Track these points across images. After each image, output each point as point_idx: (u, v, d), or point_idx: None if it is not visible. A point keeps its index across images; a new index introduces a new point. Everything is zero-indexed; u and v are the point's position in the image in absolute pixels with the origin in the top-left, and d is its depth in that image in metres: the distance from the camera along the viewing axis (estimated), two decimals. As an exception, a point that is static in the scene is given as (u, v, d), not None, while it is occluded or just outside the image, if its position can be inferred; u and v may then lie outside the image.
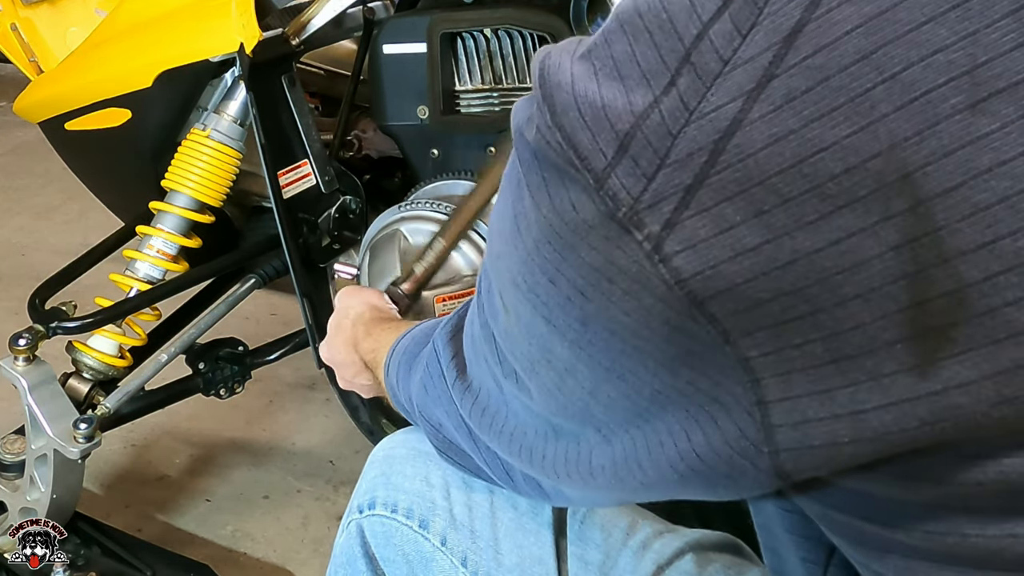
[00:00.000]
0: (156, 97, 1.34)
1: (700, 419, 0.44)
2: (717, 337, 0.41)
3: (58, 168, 1.71)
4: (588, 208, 0.42)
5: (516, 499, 0.76)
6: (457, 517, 0.75)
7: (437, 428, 0.70)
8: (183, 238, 1.38)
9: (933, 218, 0.38)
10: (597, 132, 0.41)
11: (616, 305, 0.43)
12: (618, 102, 0.41)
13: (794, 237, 0.39)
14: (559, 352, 0.47)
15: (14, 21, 1.57)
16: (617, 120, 0.41)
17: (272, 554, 1.60)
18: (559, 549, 0.74)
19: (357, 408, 1.48)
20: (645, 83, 0.41)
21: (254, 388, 1.76)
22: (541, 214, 0.44)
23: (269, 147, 1.29)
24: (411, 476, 0.78)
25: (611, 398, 0.46)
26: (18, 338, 1.30)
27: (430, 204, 1.27)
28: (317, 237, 1.38)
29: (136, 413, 1.48)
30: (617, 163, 0.41)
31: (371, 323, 0.92)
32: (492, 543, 0.74)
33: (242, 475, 1.80)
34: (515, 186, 0.46)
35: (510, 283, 0.48)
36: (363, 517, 0.80)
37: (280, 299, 2.14)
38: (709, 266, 0.40)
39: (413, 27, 1.30)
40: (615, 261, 0.42)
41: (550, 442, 0.53)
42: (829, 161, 0.38)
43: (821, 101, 0.38)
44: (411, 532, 0.77)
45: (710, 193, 0.40)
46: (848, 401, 0.40)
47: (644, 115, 0.40)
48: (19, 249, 2.69)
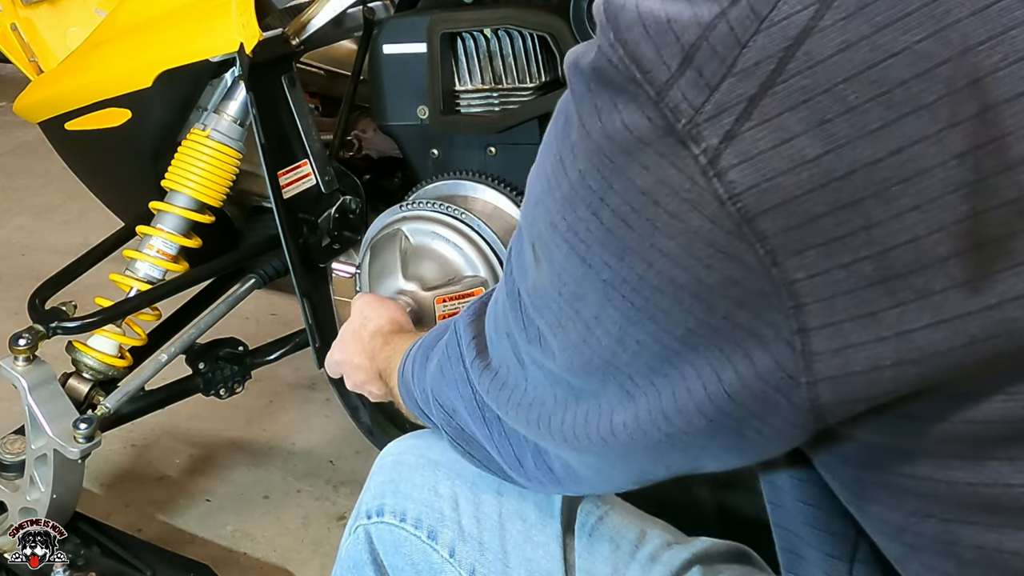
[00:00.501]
0: (156, 97, 1.34)
1: (733, 357, 0.43)
2: (764, 258, 0.40)
3: (58, 168, 1.71)
4: (644, 125, 0.42)
5: (525, 510, 0.75)
6: (466, 528, 0.75)
7: (451, 415, 0.69)
8: (183, 238, 1.38)
9: (1000, 124, 0.38)
10: (661, 45, 0.41)
11: (660, 231, 0.42)
12: (684, 14, 0.41)
13: (855, 146, 0.39)
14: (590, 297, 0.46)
15: (14, 21, 1.57)
16: (683, 32, 0.41)
17: (272, 554, 1.60)
18: (567, 562, 0.74)
19: (357, 408, 1.48)
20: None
21: (254, 388, 1.76)
22: (591, 141, 0.44)
23: (269, 147, 1.29)
24: (420, 485, 0.78)
25: (639, 343, 0.46)
26: (18, 338, 1.30)
27: (431, 204, 1.27)
28: (317, 237, 1.38)
29: (136, 413, 1.48)
30: (681, 74, 0.41)
31: (389, 335, 0.92)
32: (501, 555, 0.74)
33: (242, 475, 1.80)
34: (561, 125, 0.46)
35: (547, 225, 0.48)
36: (371, 523, 0.79)
37: (280, 299, 2.14)
38: (766, 179, 0.40)
39: (413, 27, 1.30)
40: (667, 180, 0.42)
41: (570, 407, 0.53)
42: (899, 67, 0.38)
43: (895, 7, 0.38)
44: (420, 543, 0.76)
45: (774, 103, 0.39)
46: (895, 322, 0.40)
47: (711, 25, 0.40)
48: (19, 249, 2.69)
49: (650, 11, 0.42)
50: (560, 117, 0.47)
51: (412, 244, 1.27)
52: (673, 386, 0.46)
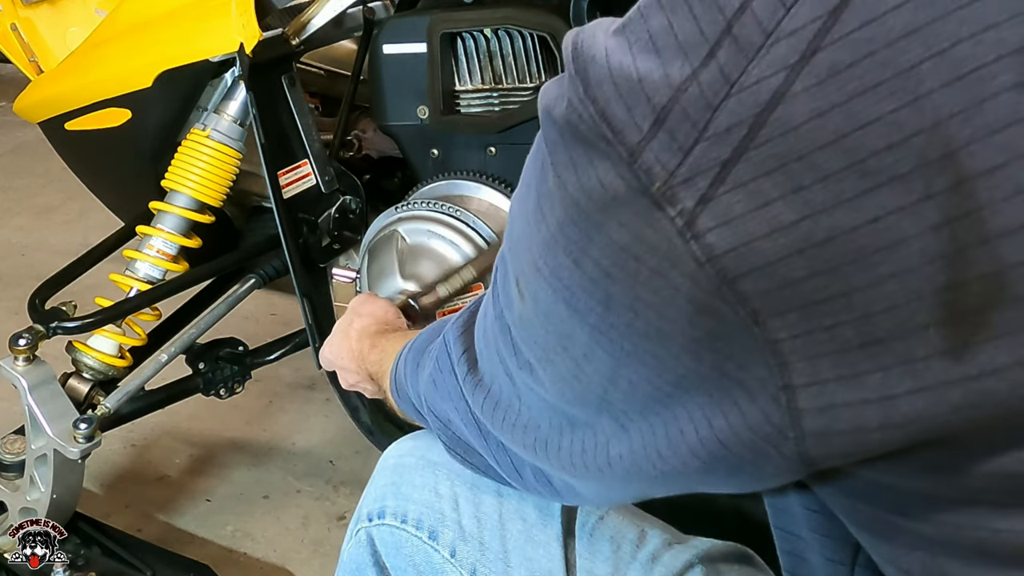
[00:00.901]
0: (156, 97, 1.34)
1: (723, 405, 0.43)
2: (746, 318, 0.40)
3: (58, 168, 1.71)
4: (618, 184, 0.41)
5: (525, 510, 0.75)
6: (466, 528, 0.75)
7: (446, 424, 0.69)
8: (183, 238, 1.38)
9: (975, 197, 0.37)
10: (632, 105, 0.41)
11: (642, 285, 0.42)
12: (655, 75, 0.40)
13: (832, 214, 0.38)
14: (578, 337, 0.46)
15: (14, 21, 1.57)
16: (654, 93, 0.40)
17: (272, 554, 1.60)
18: (568, 561, 0.73)
19: (357, 408, 1.48)
20: (683, 56, 0.40)
21: (254, 388, 1.76)
22: (567, 193, 0.43)
23: (269, 147, 1.29)
24: (420, 486, 0.78)
25: (631, 383, 0.46)
26: (18, 338, 1.30)
27: (427, 204, 1.27)
28: (317, 237, 1.38)
29: (136, 413, 1.48)
30: (653, 136, 0.40)
31: (376, 335, 0.91)
32: (502, 555, 0.74)
33: (242, 475, 1.80)
34: (539, 168, 0.46)
35: (530, 267, 0.47)
36: (372, 526, 0.79)
37: (280, 299, 2.13)
38: (743, 243, 0.39)
39: (413, 27, 1.30)
40: (644, 239, 0.41)
41: (565, 434, 0.53)
42: (872, 136, 0.38)
43: (866, 75, 0.38)
44: (421, 543, 0.76)
45: (748, 168, 0.39)
46: (878, 386, 0.40)
47: (682, 88, 0.40)
48: (19, 249, 2.69)
49: (620, 67, 0.41)
50: (537, 158, 0.46)
51: (409, 244, 1.27)
52: (666, 426, 0.46)
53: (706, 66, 0.40)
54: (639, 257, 0.42)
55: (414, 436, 0.84)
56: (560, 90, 0.44)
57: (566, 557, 0.73)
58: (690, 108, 0.40)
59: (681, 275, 0.41)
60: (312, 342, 1.38)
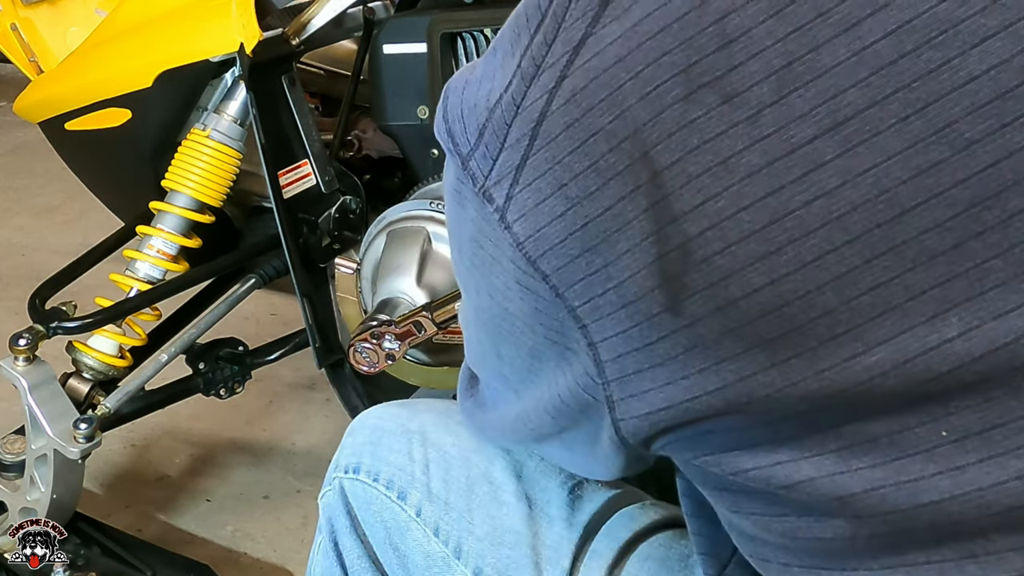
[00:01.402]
0: (156, 97, 1.34)
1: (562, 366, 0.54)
2: (550, 291, 0.51)
3: (58, 168, 1.71)
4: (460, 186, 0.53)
5: (493, 473, 0.80)
6: (434, 490, 0.81)
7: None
8: (183, 238, 1.38)
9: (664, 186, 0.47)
10: (467, 124, 0.53)
11: (489, 269, 0.54)
12: (481, 101, 0.52)
13: (584, 204, 0.49)
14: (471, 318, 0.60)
15: (14, 21, 1.57)
16: (479, 114, 0.52)
17: (272, 554, 1.60)
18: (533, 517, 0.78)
19: (357, 408, 1.48)
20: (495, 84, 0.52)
21: (254, 388, 1.76)
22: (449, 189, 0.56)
23: (269, 147, 1.29)
24: (396, 451, 0.83)
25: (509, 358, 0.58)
26: (18, 338, 1.30)
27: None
28: (317, 237, 1.38)
29: (136, 413, 1.48)
30: (476, 148, 0.52)
31: None
32: (466, 514, 0.79)
33: (242, 475, 1.80)
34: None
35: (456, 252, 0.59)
36: (347, 477, 0.85)
37: (280, 299, 2.14)
38: (536, 230, 0.50)
39: (413, 27, 1.30)
40: (483, 230, 0.53)
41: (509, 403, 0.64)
42: (599, 143, 0.48)
43: (593, 96, 0.48)
44: (389, 502, 0.82)
45: (530, 171, 0.50)
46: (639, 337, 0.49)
47: (493, 109, 0.51)
48: (19, 249, 2.69)
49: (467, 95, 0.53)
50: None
51: (434, 248, 1.26)
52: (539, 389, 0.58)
53: (507, 91, 0.51)
54: (483, 244, 0.53)
55: (399, 404, 0.91)
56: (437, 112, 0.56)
57: (531, 513, 0.78)
58: (496, 125, 0.51)
59: (508, 259, 0.52)
60: (312, 342, 1.38)
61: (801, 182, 0.46)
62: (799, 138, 0.46)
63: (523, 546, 0.76)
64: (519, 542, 0.77)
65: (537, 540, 0.77)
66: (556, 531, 0.77)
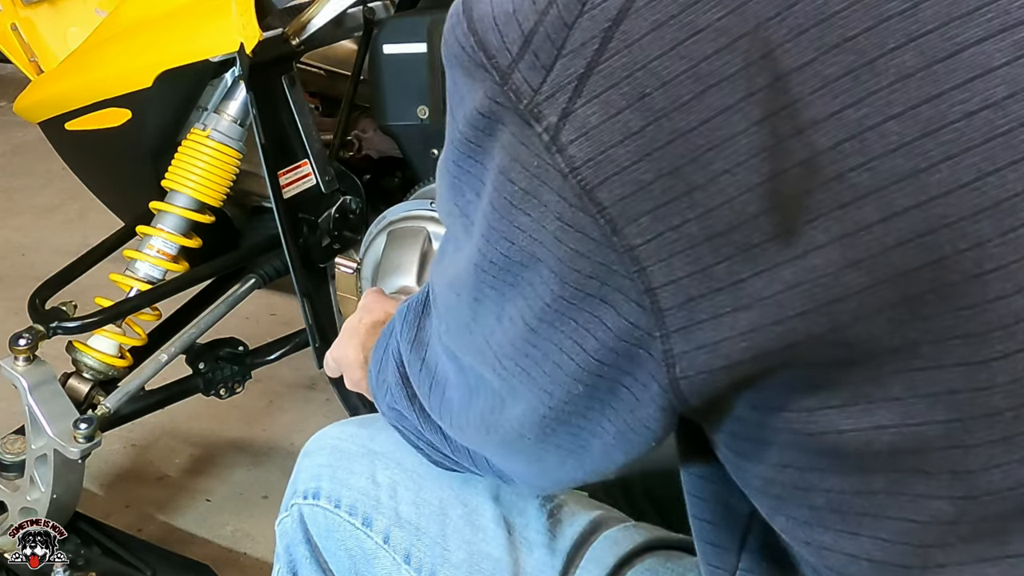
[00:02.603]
0: (156, 97, 1.34)
1: (590, 326, 0.47)
2: (605, 227, 0.44)
3: (58, 168, 1.71)
4: (494, 108, 0.45)
5: (467, 496, 0.75)
6: (403, 515, 0.76)
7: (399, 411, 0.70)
8: (183, 238, 1.38)
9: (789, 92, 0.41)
10: (505, 32, 0.45)
11: (518, 207, 0.46)
12: (525, 5, 0.44)
13: (671, 118, 0.42)
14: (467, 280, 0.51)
15: (14, 21, 1.57)
16: (524, 19, 0.44)
17: (272, 554, 1.60)
18: (513, 543, 0.73)
19: (357, 408, 1.48)
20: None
21: (254, 388, 1.76)
22: (459, 129, 0.48)
23: (269, 147, 1.29)
24: (358, 473, 0.78)
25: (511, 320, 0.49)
26: (18, 338, 1.30)
27: None
28: (317, 237, 1.38)
29: (136, 413, 1.48)
30: (520, 58, 0.44)
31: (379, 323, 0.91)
32: (440, 539, 0.74)
33: (242, 475, 1.80)
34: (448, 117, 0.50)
35: (447, 215, 0.52)
36: (306, 504, 0.80)
37: (280, 299, 2.14)
38: (599, 151, 0.43)
39: (413, 27, 1.30)
40: (518, 158, 0.45)
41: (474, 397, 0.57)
42: (703, 43, 0.41)
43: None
44: (353, 529, 0.77)
45: (600, 80, 0.43)
46: (725, 275, 0.43)
47: (545, 11, 0.43)
48: (19, 249, 2.69)
49: (500, 5, 0.45)
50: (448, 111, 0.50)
51: (434, 249, 1.26)
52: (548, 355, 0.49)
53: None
54: (514, 180, 0.45)
55: (358, 421, 0.85)
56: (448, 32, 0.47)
57: (510, 538, 0.73)
58: (550, 29, 0.43)
59: (549, 191, 0.44)
60: (312, 342, 1.38)
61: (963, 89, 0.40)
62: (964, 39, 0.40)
63: (503, 574, 0.72)
64: (499, 569, 0.72)
65: (518, 568, 0.72)
66: (537, 557, 0.72)
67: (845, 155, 0.41)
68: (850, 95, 0.41)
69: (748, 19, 0.41)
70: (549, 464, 0.58)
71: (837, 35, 0.41)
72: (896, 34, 0.40)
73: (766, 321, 0.43)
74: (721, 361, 0.45)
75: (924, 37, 0.40)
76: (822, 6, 0.41)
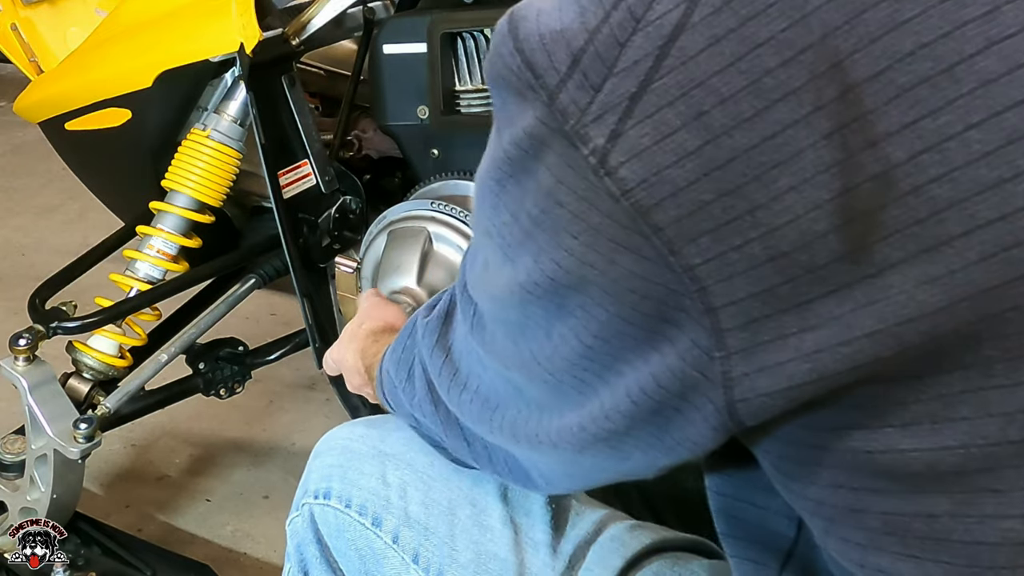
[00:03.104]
0: (156, 97, 1.34)
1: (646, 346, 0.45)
2: (662, 248, 0.42)
3: (58, 168, 1.71)
4: (540, 129, 0.44)
5: (476, 496, 0.76)
6: (412, 515, 0.76)
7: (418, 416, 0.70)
8: (183, 238, 1.38)
9: (861, 103, 0.39)
10: (553, 52, 0.43)
11: (565, 230, 0.44)
12: (575, 24, 0.43)
13: (732, 135, 0.40)
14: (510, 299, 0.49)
15: (14, 21, 1.57)
16: (573, 38, 0.43)
17: (272, 554, 1.60)
18: (519, 544, 0.73)
19: (357, 408, 1.48)
20: (598, 3, 0.43)
21: (254, 388, 1.76)
22: (503, 148, 0.46)
23: (269, 147, 1.29)
24: (369, 474, 0.79)
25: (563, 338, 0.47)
26: (18, 338, 1.30)
27: (463, 214, 1.24)
28: (317, 237, 1.38)
29: (136, 413, 1.48)
30: (569, 78, 0.43)
31: (380, 333, 0.92)
32: (448, 540, 0.74)
33: (242, 475, 1.80)
34: (493, 135, 0.48)
35: (483, 233, 0.50)
36: (316, 503, 0.81)
37: (280, 299, 2.14)
38: (653, 173, 0.41)
39: (413, 27, 1.30)
40: (565, 180, 0.44)
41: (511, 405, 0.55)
42: (765, 56, 0.40)
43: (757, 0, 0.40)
44: (363, 529, 0.77)
45: (653, 99, 0.41)
46: (790, 295, 0.42)
47: (596, 30, 0.42)
48: (19, 249, 2.69)
49: (548, 22, 0.44)
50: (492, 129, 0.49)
51: (434, 249, 1.26)
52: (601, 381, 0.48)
53: (617, 8, 0.42)
54: (561, 201, 0.44)
55: (367, 422, 0.85)
56: (494, 51, 0.46)
57: (516, 539, 0.73)
58: (601, 48, 0.42)
59: (599, 214, 0.43)
60: (312, 342, 1.38)
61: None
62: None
63: (509, 574, 0.72)
64: (505, 570, 0.72)
65: (523, 568, 0.72)
66: (541, 557, 0.73)
67: (923, 167, 0.39)
68: (927, 104, 0.39)
69: (814, 30, 0.40)
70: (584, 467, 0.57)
71: (912, 42, 0.39)
72: (976, 39, 0.39)
73: (833, 342, 0.42)
74: (783, 383, 0.43)
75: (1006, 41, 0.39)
76: (894, 13, 0.39)
